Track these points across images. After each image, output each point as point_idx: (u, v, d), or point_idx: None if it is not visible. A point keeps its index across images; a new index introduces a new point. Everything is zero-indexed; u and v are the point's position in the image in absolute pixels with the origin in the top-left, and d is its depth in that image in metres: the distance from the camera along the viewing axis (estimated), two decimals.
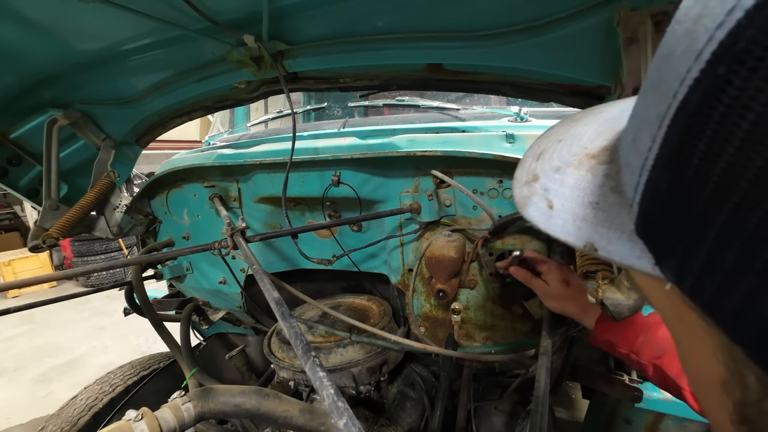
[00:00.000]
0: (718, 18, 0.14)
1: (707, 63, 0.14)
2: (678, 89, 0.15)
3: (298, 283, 1.40)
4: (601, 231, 0.21)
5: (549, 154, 0.26)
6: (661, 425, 1.23)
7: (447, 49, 0.86)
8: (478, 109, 1.45)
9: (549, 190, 0.24)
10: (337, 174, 1.16)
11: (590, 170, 0.23)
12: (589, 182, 0.23)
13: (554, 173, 0.25)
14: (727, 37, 0.13)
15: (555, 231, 0.23)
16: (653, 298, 0.24)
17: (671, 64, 0.16)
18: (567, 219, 0.22)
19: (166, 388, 1.62)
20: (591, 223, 0.21)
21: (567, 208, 0.23)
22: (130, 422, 0.78)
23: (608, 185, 0.22)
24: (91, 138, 1.28)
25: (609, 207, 0.21)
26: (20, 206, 9.12)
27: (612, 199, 0.21)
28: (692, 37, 0.15)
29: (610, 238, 0.20)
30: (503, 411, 1.24)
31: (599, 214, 0.21)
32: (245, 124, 2.03)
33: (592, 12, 0.69)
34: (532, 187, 0.25)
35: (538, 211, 0.24)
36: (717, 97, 0.14)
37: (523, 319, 1.13)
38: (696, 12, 0.15)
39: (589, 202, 0.22)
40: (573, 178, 0.24)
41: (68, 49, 0.99)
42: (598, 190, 0.22)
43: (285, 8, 0.85)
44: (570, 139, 0.26)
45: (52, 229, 1.16)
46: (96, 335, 4.59)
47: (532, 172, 0.26)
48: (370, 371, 1.23)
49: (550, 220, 0.23)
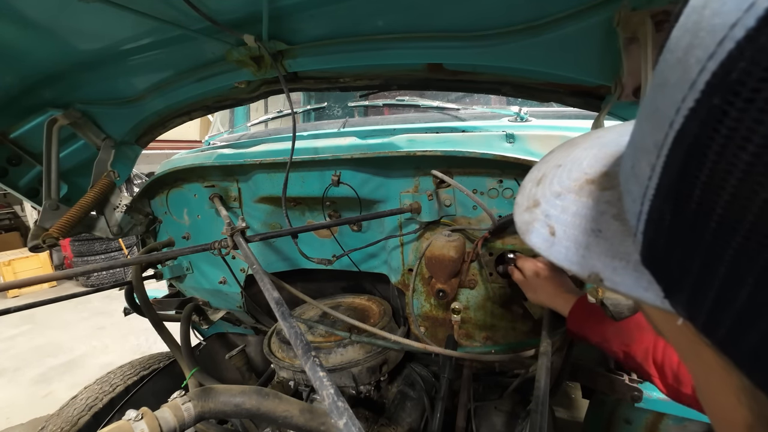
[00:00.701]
0: (709, 49, 0.13)
1: (702, 93, 0.14)
2: (674, 118, 0.15)
3: (298, 283, 1.40)
4: (605, 260, 0.20)
5: (549, 179, 0.26)
6: (660, 425, 1.23)
7: (447, 49, 0.86)
8: (478, 109, 1.45)
9: (550, 216, 0.24)
10: (337, 174, 1.16)
11: (591, 196, 0.23)
12: (591, 209, 0.22)
13: (555, 199, 0.24)
14: (720, 68, 0.13)
15: (558, 259, 0.22)
16: (666, 331, 0.23)
17: (666, 93, 0.16)
18: (569, 247, 0.22)
19: (166, 387, 1.62)
20: (594, 251, 0.21)
21: (569, 235, 0.22)
22: (130, 422, 0.78)
23: (610, 212, 0.21)
24: (91, 138, 1.28)
25: (612, 235, 0.21)
26: (20, 206, 9.12)
27: (615, 227, 0.21)
28: (684, 66, 0.15)
29: (615, 268, 0.20)
30: (503, 411, 1.24)
31: (602, 242, 0.21)
32: (245, 124, 2.03)
33: (592, 12, 0.69)
34: (533, 212, 0.25)
35: (540, 238, 0.24)
36: (715, 128, 0.14)
37: (523, 319, 1.13)
38: (686, 42, 0.15)
39: (591, 230, 0.21)
40: (574, 205, 0.23)
41: (68, 48, 0.99)
42: (600, 217, 0.22)
43: (285, 8, 0.85)
44: (569, 164, 0.26)
45: (52, 229, 1.16)
46: (96, 335, 4.59)
47: (532, 197, 0.26)
48: (370, 371, 1.23)
49: (552, 248, 0.23)
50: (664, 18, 0.60)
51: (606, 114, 0.76)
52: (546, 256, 0.23)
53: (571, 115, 1.35)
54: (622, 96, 0.72)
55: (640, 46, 0.62)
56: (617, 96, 0.73)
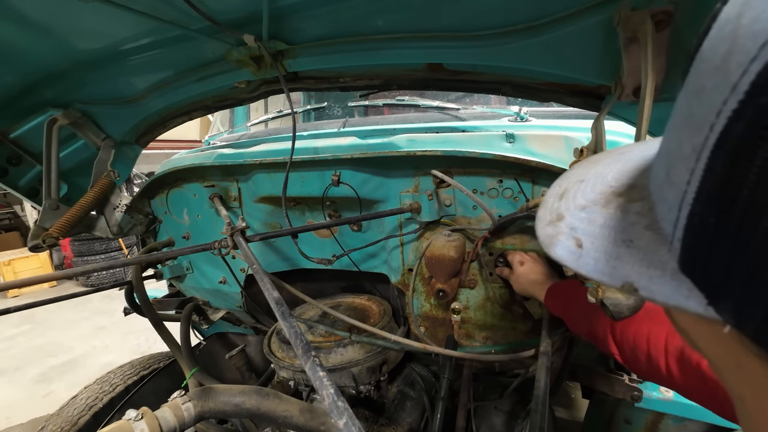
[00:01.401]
0: (751, 53, 0.14)
1: (746, 94, 0.14)
2: (715, 121, 0.15)
3: (298, 283, 1.40)
4: (639, 270, 0.20)
5: (572, 193, 0.26)
6: (660, 425, 1.23)
7: (447, 49, 0.86)
8: (478, 109, 1.45)
9: (576, 228, 0.24)
10: (337, 174, 1.16)
11: (619, 208, 0.23)
12: (620, 220, 0.22)
13: (580, 212, 0.24)
14: (764, 69, 0.14)
15: (587, 271, 0.22)
16: (702, 341, 0.22)
17: (703, 99, 0.16)
18: (599, 258, 0.22)
19: (166, 387, 1.62)
20: (627, 261, 0.21)
21: (598, 246, 0.22)
22: (130, 422, 0.78)
23: (641, 223, 0.21)
24: (91, 138, 1.28)
25: (645, 245, 0.20)
26: (20, 206, 9.12)
27: (647, 236, 0.21)
28: (723, 72, 0.15)
29: (650, 277, 0.19)
30: (503, 411, 1.24)
31: (634, 252, 0.21)
32: (245, 124, 2.03)
33: (592, 12, 0.69)
34: (557, 226, 0.25)
35: (565, 251, 0.23)
36: (765, 126, 0.14)
37: (523, 319, 1.13)
38: (724, 49, 0.15)
39: (621, 240, 0.21)
40: (601, 217, 0.23)
41: (68, 48, 0.99)
42: (630, 227, 0.21)
43: (285, 8, 0.85)
44: (592, 179, 0.26)
45: (52, 229, 1.16)
46: (96, 335, 4.59)
47: (555, 211, 0.26)
48: (370, 371, 1.23)
49: (580, 260, 0.22)
50: (664, 18, 0.60)
51: (606, 114, 0.76)
52: (574, 269, 0.23)
53: (571, 115, 1.35)
54: (622, 96, 0.72)
55: (640, 46, 0.62)
56: (617, 96, 0.73)
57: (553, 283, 0.93)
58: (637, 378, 1.19)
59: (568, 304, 0.84)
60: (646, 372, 0.65)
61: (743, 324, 0.16)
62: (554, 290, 0.90)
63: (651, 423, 1.24)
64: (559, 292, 0.89)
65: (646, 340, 0.64)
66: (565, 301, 0.86)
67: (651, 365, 0.63)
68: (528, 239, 1.07)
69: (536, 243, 1.06)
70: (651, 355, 0.63)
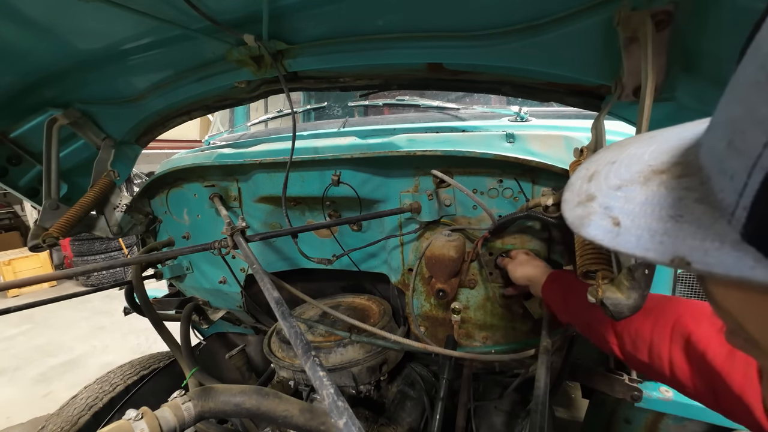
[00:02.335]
0: None
1: None
2: None
3: (298, 283, 1.40)
4: (693, 243, 0.19)
5: (603, 174, 0.25)
6: (660, 425, 1.23)
7: (447, 49, 0.86)
8: (478, 109, 1.45)
9: (611, 207, 0.23)
10: (337, 173, 1.16)
11: (663, 185, 0.22)
12: (665, 196, 0.22)
13: (615, 191, 0.24)
14: None
15: (628, 248, 0.21)
16: (755, 320, 0.22)
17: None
18: (642, 235, 0.21)
19: (166, 387, 1.62)
20: (677, 236, 0.20)
21: (640, 224, 0.22)
22: (130, 421, 0.78)
23: (691, 197, 0.21)
24: (91, 137, 1.28)
25: (698, 218, 0.20)
26: (20, 206, 9.12)
27: (700, 210, 0.20)
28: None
29: (706, 250, 0.19)
30: (503, 410, 1.24)
31: (685, 226, 0.20)
32: (245, 124, 2.03)
33: (592, 12, 0.69)
34: (587, 206, 0.24)
35: (600, 230, 0.23)
36: None
37: (523, 319, 1.13)
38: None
39: (669, 216, 0.21)
40: (642, 194, 0.23)
41: (68, 48, 0.99)
42: (678, 203, 0.21)
43: (285, 8, 0.85)
44: (626, 160, 0.25)
45: (52, 229, 1.16)
46: (96, 335, 4.59)
47: (585, 192, 0.25)
48: (370, 371, 1.23)
49: (619, 237, 0.22)
50: (665, 18, 0.60)
51: (606, 114, 0.76)
52: (612, 247, 0.22)
53: (571, 115, 1.35)
54: (622, 96, 0.72)
55: (640, 46, 0.62)
56: (617, 96, 0.73)
57: (554, 270, 0.93)
58: (637, 378, 1.19)
59: (567, 292, 0.83)
60: (646, 365, 0.64)
61: None
62: (554, 276, 0.90)
63: (651, 423, 1.24)
64: (559, 278, 0.88)
65: (650, 330, 0.63)
66: (564, 289, 0.85)
67: (653, 356, 0.62)
68: (528, 239, 1.07)
69: (536, 243, 1.06)
70: (653, 346, 0.62)
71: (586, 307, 0.76)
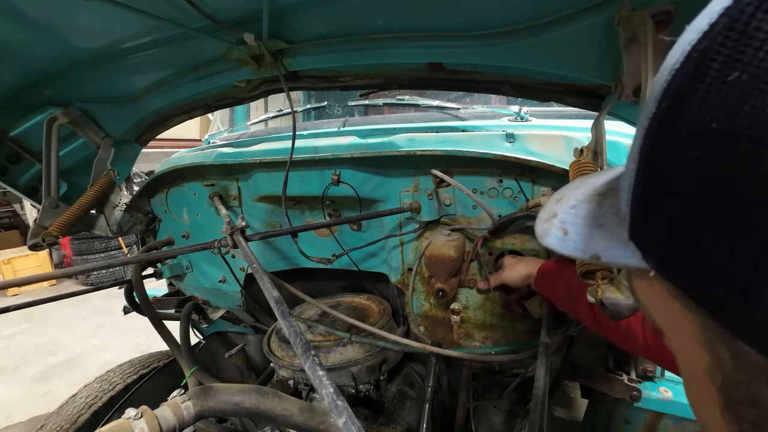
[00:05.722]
0: (662, 79, 0.20)
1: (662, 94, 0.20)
2: (645, 123, 0.21)
3: (298, 282, 1.40)
4: (604, 244, 0.26)
5: (567, 197, 0.33)
6: (659, 425, 1.23)
7: (447, 48, 0.86)
8: (478, 109, 1.45)
9: (565, 221, 0.30)
10: (337, 173, 1.16)
11: (598, 203, 0.29)
12: (596, 211, 0.29)
13: (570, 209, 0.31)
14: (668, 84, 0.19)
15: (568, 250, 0.29)
16: (652, 305, 0.28)
17: (645, 108, 0.21)
18: (577, 240, 0.28)
19: (166, 386, 1.62)
20: (595, 239, 0.27)
21: (578, 231, 0.29)
22: (129, 420, 0.78)
23: (611, 211, 0.28)
24: (91, 136, 1.28)
25: (610, 226, 0.27)
26: (20, 204, 9.11)
27: (614, 220, 0.27)
28: (655, 88, 0.21)
29: (610, 248, 0.26)
30: (502, 410, 1.24)
31: (603, 232, 0.27)
32: (245, 123, 2.03)
33: (593, 11, 0.69)
34: (551, 222, 0.31)
35: (554, 238, 0.30)
36: (668, 123, 0.19)
37: (522, 319, 1.13)
38: (657, 78, 0.21)
39: (595, 225, 0.28)
40: (584, 211, 0.30)
41: (68, 46, 0.99)
42: (602, 216, 0.28)
43: (285, 7, 0.85)
44: (585, 186, 0.33)
45: (52, 228, 1.15)
46: (96, 333, 4.59)
47: (552, 211, 0.32)
48: (370, 370, 1.23)
49: (564, 243, 0.29)
50: (665, 18, 0.60)
51: (606, 114, 0.76)
52: (558, 251, 0.29)
53: (571, 115, 1.35)
54: (622, 96, 0.72)
55: (640, 46, 0.62)
56: (617, 96, 0.73)
57: (543, 262, 0.97)
58: (636, 378, 1.19)
59: (557, 280, 0.88)
60: (623, 342, 0.73)
61: (658, 266, 0.22)
62: (543, 269, 0.94)
63: (650, 423, 1.24)
64: (548, 270, 0.93)
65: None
66: (553, 279, 0.90)
67: (629, 334, 0.70)
68: (528, 239, 1.07)
69: (536, 243, 1.07)
70: (630, 325, 0.70)
71: (571, 294, 0.82)
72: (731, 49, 0.17)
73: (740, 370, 0.21)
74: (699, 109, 0.18)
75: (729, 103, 0.17)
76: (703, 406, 0.26)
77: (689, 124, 0.18)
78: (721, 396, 0.23)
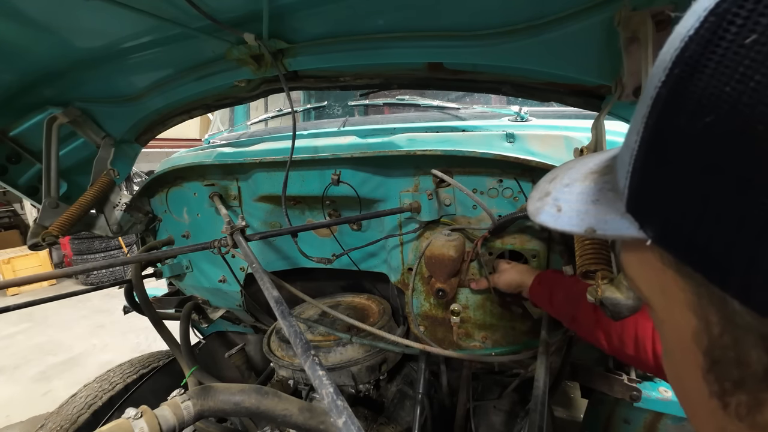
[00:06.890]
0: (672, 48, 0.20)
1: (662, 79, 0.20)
2: (652, 93, 0.21)
3: (298, 282, 1.40)
4: (599, 218, 0.26)
5: (560, 177, 0.33)
6: (659, 425, 1.23)
7: (447, 48, 0.86)
8: (478, 109, 1.45)
9: (558, 199, 0.30)
10: (337, 173, 1.16)
11: (593, 181, 0.29)
12: (591, 188, 0.29)
13: (563, 188, 0.31)
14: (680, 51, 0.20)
15: (561, 225, 0.28)
16: (641, 277, 0.28)
17: (651, 79, 0.21)
18: (572, 216, 0.28)
19: (166, 386, 1.62)
20: (591, 214, 0.27)
21: (573, 208, 0.29)
22: (129, 420, 0.78)
23: (606, 187, 0.28)
24: (91, 136, 1.28)
25: (607, 201, 0.27)
26: (20, 204, 9.11)
27: (609, 195, 0.27)
28: (662, 57, 0.21)
29: (606, 221, 0.26)
30: (502, 410, 1.24)
31: (599, 207, 0.27)
32: (245, 123, 2.03)
33: (593, 11, 0.69)
34: (543, 200, 0.31)
35: (547, 215, 0.30)
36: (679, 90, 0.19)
37: (522, 319, 1.13)
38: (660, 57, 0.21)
39: (591, 201, 0.28)
40: (579, 188, 0.30)
41: (68, 46, 0.99)
42: (598, 191, 0.28)
43: (285, 6, 0.85)
44: (578, 166, 0.33)
45: (52, 227, 1.15)
46: (95, 333, 4.59)
47: (545, 191, 0.32)
48: (370, 370, 1.23)
49: (558, 219, 0.29)
50: (665, 18, 0.60)
51: (606, 114, 0.76)
52: (552, 227, 0.29)
53: (571, 115, 1.35)
54: (622, 96, 0.72)
55: (640, 45, 0.62)
56: (617, 96, 0.73)
57: (541, 272, 0.97)
58: (636, 378, 1.19)
59: (553, 289, 0.87)
60: (633, 357, 0.70)
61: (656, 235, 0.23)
62: (540, 278, 0.94)
63: (650, 423, 1.24)
64: (545, 279, 0.93)
65: (633, 325, 0.69)
66: (550, 288, 0.89)
67: (638, 350, 0.68)
68: (528, 239, 1.07)
69: (536, 243, 1.07)
70: (638, 340, 0.68)
71: (571, 302, 0.81)
72: (751, 11, 0.17)
73: (728, 332, 0.21)
74: (713, 74, 0.18)
75: (746, 66, 0.17)
76: (685, 372, 0.26)
77: (702, 89, 0.18)
78: (705, 358, 0.23)
